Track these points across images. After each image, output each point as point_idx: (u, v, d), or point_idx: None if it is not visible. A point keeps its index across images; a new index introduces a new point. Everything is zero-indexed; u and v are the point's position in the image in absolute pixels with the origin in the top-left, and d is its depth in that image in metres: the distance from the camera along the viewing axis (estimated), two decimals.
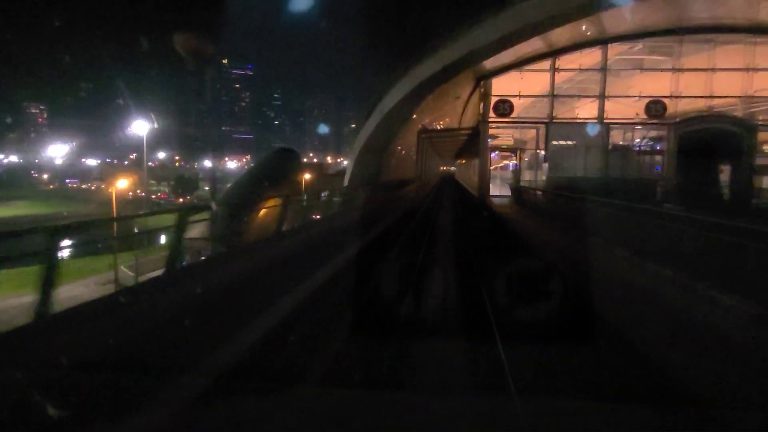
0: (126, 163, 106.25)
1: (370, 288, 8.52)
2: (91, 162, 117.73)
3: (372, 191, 18.85)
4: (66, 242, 4.59)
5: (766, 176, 26.11)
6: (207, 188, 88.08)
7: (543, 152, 26.79)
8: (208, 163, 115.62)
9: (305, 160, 69.29)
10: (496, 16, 21.10)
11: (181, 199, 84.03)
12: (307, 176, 42.38)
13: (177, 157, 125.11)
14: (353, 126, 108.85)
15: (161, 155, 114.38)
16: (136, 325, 4.42)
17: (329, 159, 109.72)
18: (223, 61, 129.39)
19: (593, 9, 20.86)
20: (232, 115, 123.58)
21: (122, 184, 39.37)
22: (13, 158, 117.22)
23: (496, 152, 31.84)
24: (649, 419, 2.62)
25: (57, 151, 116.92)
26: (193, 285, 5.59)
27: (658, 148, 26.23)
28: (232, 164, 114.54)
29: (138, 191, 61.29)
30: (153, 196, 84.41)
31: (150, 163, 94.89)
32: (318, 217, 12.59)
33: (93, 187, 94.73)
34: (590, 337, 6.07)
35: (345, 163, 53.25)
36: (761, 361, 4.79)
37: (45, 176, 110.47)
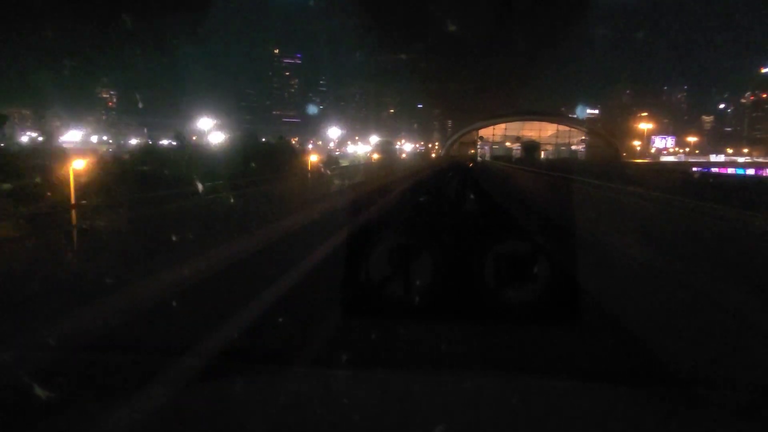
0: None
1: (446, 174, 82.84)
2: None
3: (452, 158, 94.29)
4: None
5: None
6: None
7: (490, 149, 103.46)
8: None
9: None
10: (480, 122, 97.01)
11: None
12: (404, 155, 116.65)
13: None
14: (392, 111, 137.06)
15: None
16: (341, 201, 12.87)
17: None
18: (275, 51, 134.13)
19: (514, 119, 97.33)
20: (282, 101, 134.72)
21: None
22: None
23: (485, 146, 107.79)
24: (631, 397, 2.39)
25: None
26: (354, 190, 15.81)
27: (517, 148, 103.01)
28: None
29: None
30: None
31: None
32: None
33: None
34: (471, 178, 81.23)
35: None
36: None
37: None
